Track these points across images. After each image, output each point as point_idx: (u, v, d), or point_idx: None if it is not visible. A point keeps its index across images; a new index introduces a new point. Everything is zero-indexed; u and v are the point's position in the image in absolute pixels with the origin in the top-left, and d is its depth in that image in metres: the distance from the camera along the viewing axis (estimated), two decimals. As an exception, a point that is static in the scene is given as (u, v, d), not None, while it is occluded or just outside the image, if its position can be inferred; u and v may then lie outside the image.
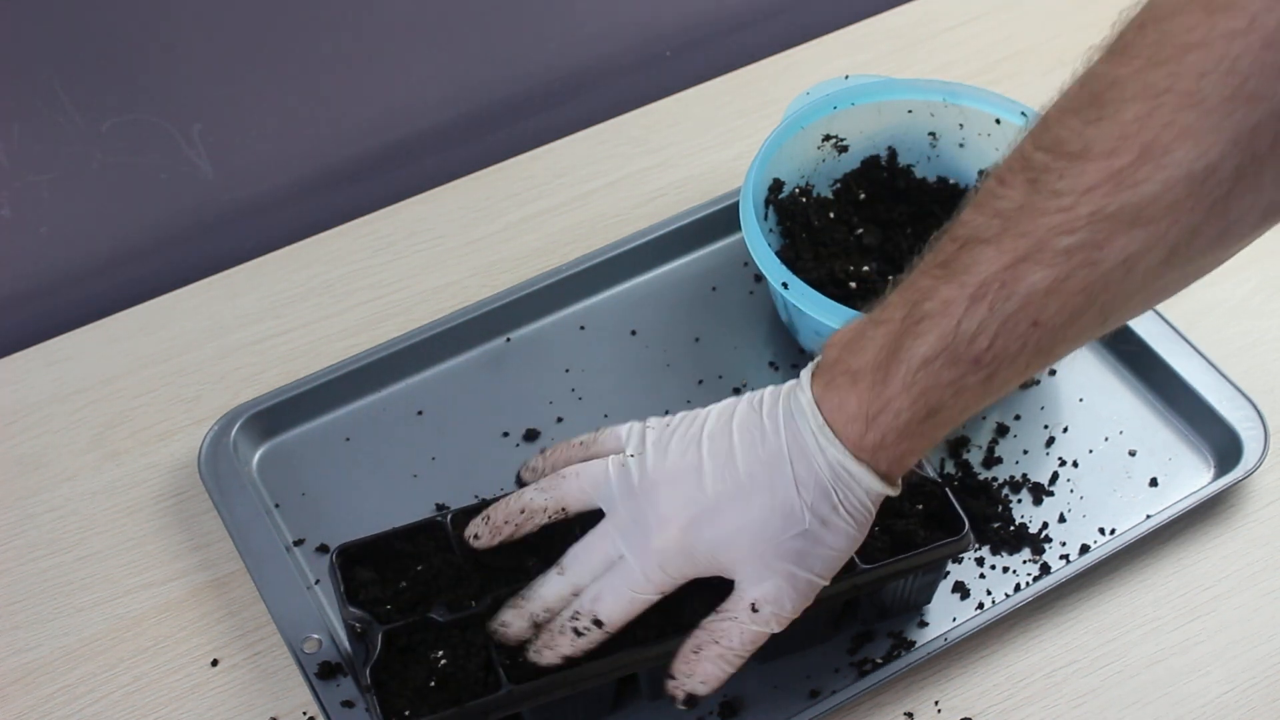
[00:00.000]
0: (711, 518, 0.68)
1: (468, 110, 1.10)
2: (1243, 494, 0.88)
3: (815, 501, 0.67)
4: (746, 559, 0.68)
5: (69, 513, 0.89)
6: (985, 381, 0.62)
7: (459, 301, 0.97)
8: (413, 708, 0.71)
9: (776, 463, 0.67)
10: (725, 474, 0.68)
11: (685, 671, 0.71)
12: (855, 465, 0.66)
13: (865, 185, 0.98)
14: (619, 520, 0.71)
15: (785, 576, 0.68)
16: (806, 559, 0.68)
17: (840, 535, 0.68)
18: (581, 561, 0.71)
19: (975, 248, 0.60)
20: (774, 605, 0.69)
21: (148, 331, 0.98)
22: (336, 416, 0.92)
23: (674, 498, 0.69)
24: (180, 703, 0.81)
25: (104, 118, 0.94)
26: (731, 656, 0.70)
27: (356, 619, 0.75)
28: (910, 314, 0.62)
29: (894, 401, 0.63)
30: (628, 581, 0.70)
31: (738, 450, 0.68)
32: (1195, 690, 0.80)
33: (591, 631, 0.71)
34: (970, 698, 0.80)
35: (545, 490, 0.74)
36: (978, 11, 1.17)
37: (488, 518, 0.75)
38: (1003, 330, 0.60)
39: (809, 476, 0.66)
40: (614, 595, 0.70)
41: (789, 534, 0.67)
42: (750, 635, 0.69)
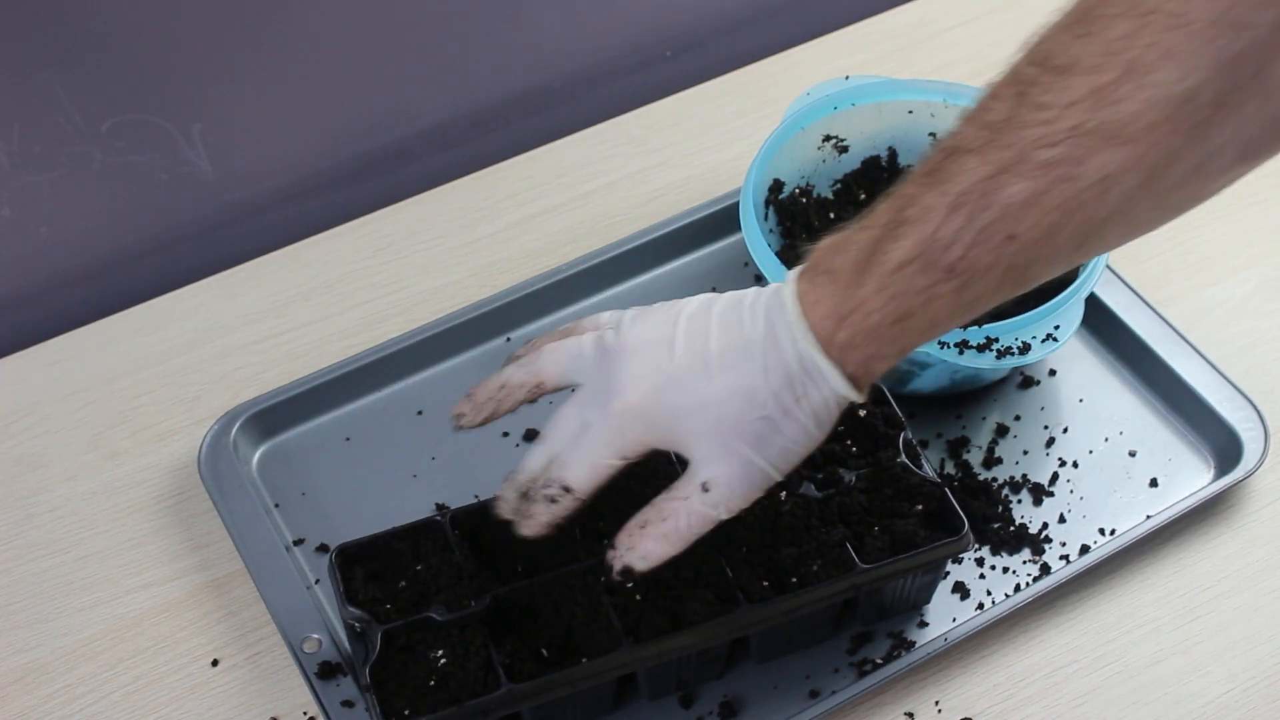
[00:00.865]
0: (674, 387, 0.68)
1: (468, 110, 1.10)
2: (1243, 494, 0.88)
3: (779, 389, 0.66)
4: (703, 435, 0.68)
5: (69, 513, 0.89)
6: (957, 292, 0.62)
7: (459, 301, 0.97)
8: (412, 707, 0.71)
9: (748, 348, 0.67)
10: (697, 349, 0.68)
11: (626, 544, 0.70)
12: (823, 360, 0.66)
13: (866, 186, 0.98)
14: (589, 388, 0.71)
15: (740, 460, 0.68)
16: (763, 446, 0.68)
17: (798, 429, 0.67)
18: (555, 428, 0.72)
19: (960, 157, 0.61)
20: (725, 488, 0.68)
21: (148, 331, 0.98)
22: (336, 416, 0.92)
23: (641, 364, 0.69)
24: (180, 703, 0.81)
25: (104, 118, 0.94)
26: (675, 536, 0.70)
27: (356, 618, 0.75)
28: (892, 219, 0.63)
29: (866, 302, 0.64)
30: (591, 444, 0.70)
31: (713, 331, 0.68)
32: (1195, 690, 0.80)
33: (563, 497, 0.71)
34: (970, 698, 0.80)
35: (523, 365, 0.74)
36: (978, 11, 1.17)
37: (471, 395, 0.75)
38: (978, 240, 0.60)
39: (777, 364, 0.66)
40: (577, 460, 0.70)
41: (749, 417, 0.67)
42: (698, 516, 0.69)
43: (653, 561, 0.70)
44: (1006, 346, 0.85)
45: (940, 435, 0.90)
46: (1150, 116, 0.56)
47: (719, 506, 0.69)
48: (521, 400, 0.74)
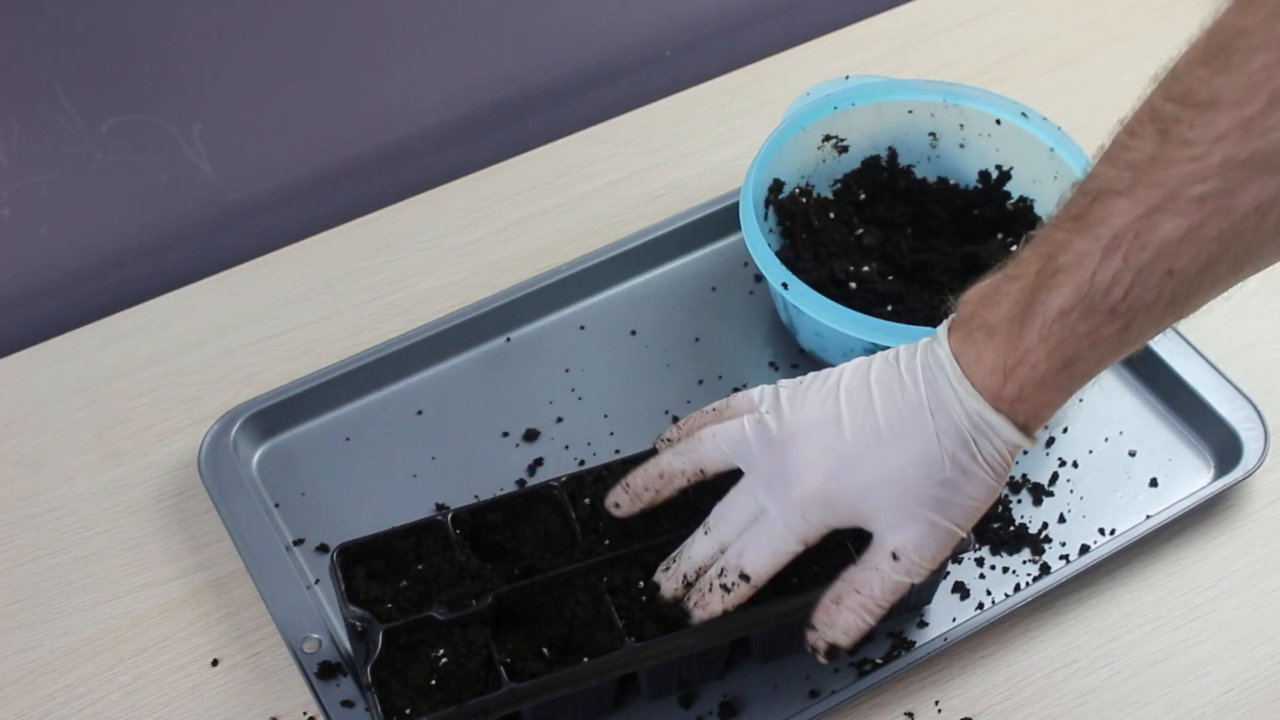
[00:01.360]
0: (852, 466, 0.69)
1: (468, 110, 1.10)
2: (1243, 494, 0.88)
3: (955, 451, 0.67)
4: (887, 507, 0.69)
5: (69, 513, 0.89)
6: (1121, 332, 0.63)
7: (459, 301, 0.97)
8: (413, 706, 0.71)
9: (916, 413, 0.68)
10: (865, 424, 0.69)
11: (826, 622, 0.72)
12: (994, 416, 0.66)
13: (865, 185, 0.98)
14: (759, 475, 0.72)
15: (925, 525, 0.69)
16: (946, 508, 0.69)
17: (979, 485, 0.69)
18: (726, 519, 0.73)
19: (1108, 200, 0.61)
20: (915, 553, 0.69)
21: (148, 331, 0.98)
22: (336, 416, 0.92)
23: (814, 448, 0.70)
24: (180, 703, 0.81)
25: (104, 118, 0.94)
26: (872, 605, 0.71)
27: (357, 617, 0.75)
28: (1045, 267, 0.63)
29: (1031, 353, 0.64)
30: (770, 533, 0.71)
31: (877, 402, 0.69)
32: (1195, 690, 0.80)
33: (739, 586, 0.72)
34: (970, 698, 0.80)
35: (682, 454, 0.75)
36: (978, 11, 1.17)
37: (627, 485, 0.76)
38: (1138, 280, 0.61)
39: (949, 426, 0.67)
40: (757, 548, 0.71)
41: (930, 483, 0.68)
42: (890, 584, 0.70)
43: (854, 636, 0.72)
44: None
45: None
46: None
47: (910, 571, 0.70)
48: (680, 488, 0.75)
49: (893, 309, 0.91)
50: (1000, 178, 0.97)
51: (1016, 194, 0.97)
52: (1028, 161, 0.95)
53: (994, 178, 0.98)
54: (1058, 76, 1.12)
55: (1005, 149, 0.96)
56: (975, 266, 0.93)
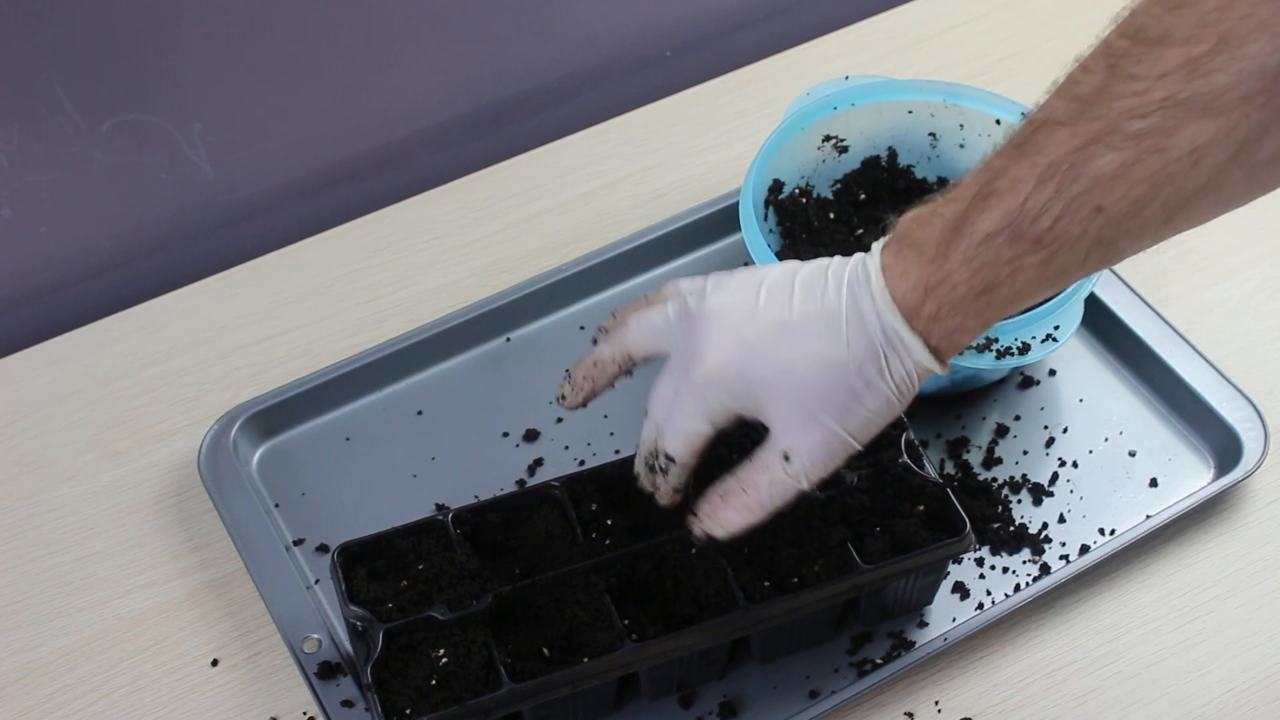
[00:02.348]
0: (755, 353, 0.68)
1: (468, 110, 1.10)
2: (1243, 494, 0.88)
3: (863, 360, 0.67)
4: (785, 404, 0.68)
5: (69, 513, 0.89)
6: (1043, 264, 0.62)
7: (459, 301, 0.97)
8: (414, 706, 0.71)
9: (831, 317, 0.67)
10: (778, 316, 0.68)
11: (708, 513, 0.71)
12: (908, 332, 0.66)
13: (865, 186, 0.98)
14: (675, 356, 0.72)
15: (822, 430, 0.68)
16: (845, 416, 0.68)
17: (881, 399, 0.68)
18: (653, 403, 0.73)
19: (1049, 129, 0.61)
20: (807, 457, 0.69)
21: (148, 331, 0.98)
22: (336, 416, 0.92)
23: (721, 330, 0.69)
24: (180, 703, 0.81)
25: (104, 118, 0.94)
26: (756, 506, 0.70)
27: (358, 617, 0.75)
28: (980, 191, 0.63)
29: (952, 274, 0.64)
30: (681, 413, 0.71)
31: (795, 298, 0.68)
32: (1195, 690, 0.80)
33: (671, 467, 0.72)
34: (970, 698, 0.80)
35: (610, 340, 0.75)
36: (978, 11, 1.17)
37: (568, 374, 0.76)
38: (1066, 212, 0.61)
39: (861, 335, 0.66)
40: (672, 430, 0.71)
41: (832, 387, 0.67)
42: (779, 486, 0.70)
43: (733, 531, 0.71)
44: (1006, 346, 0.85)
45: (940, 435, 0.90)
46: (1243, 88, 0.56)
47: (800, 476, 0.69)
48: (615, 374, 0.75)
49: (893, 309, 0.91)
50: (1000, 178, 0.97)
51: (1016, 194, 0.97)
52: (1028, 161, 0.95)
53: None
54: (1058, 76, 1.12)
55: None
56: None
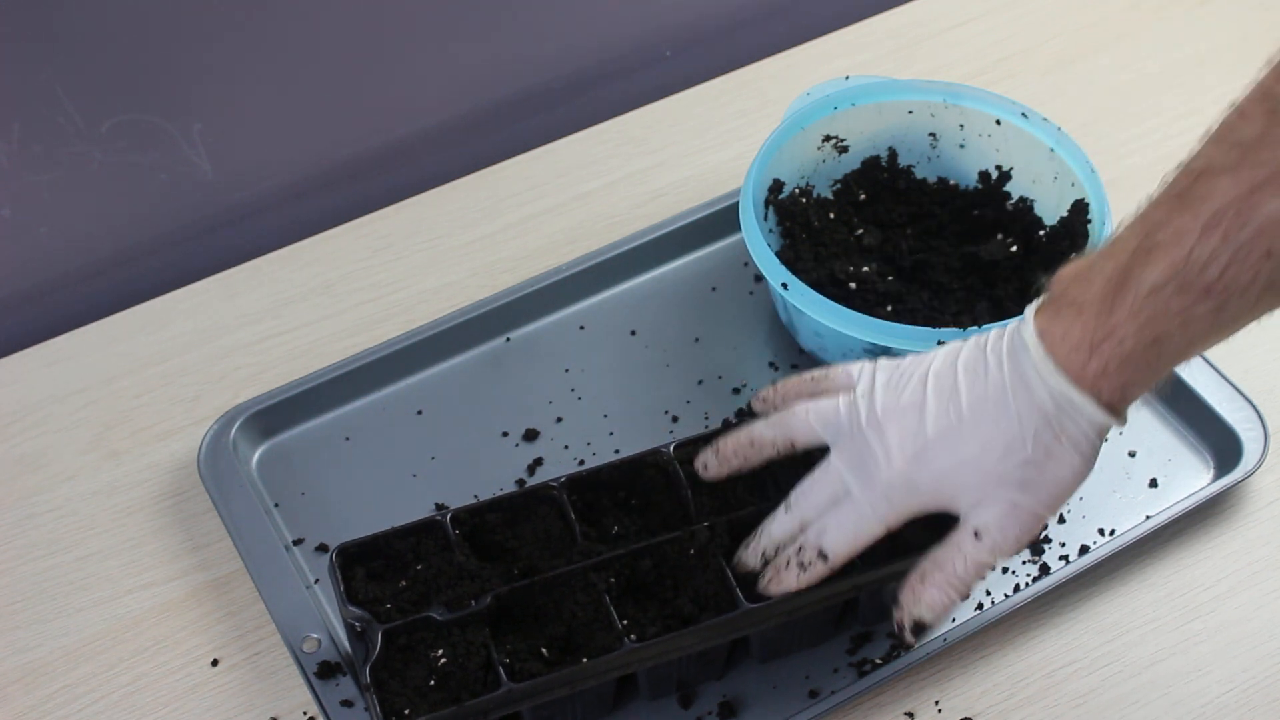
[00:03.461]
0: (934, 449, 0.69)
1: (468, 110, 1.10)
2: (1242, 494, 0.88)
3: (1037, 430, 0.67)
4: (968, 488, 0.69)
5: (69, 513, 0.89)
6: (1214, 312, 0.62)
7: (459, 301, 0.97)
8: (412, 706, 0.71)
9: (998, 394, 0.68)
10: (949, 409, 0.69)
11: (912, 600, 0.72)
12: (1076, 394, 0.66)
13: (865, 186, 0.98)
14: (846, 456, 0.72)
15: (1007, 504, 0.69)
16: (1029, 488, 0.68)
17: (1063, 465, 0.68)
18: (808, 497, 0.73)
19: (1211, 178, 0.60)
20: (997, 532, 0.69)
21: (148, 331, 0.98)
22: (336, 416, 0.92)
23: (899, 433, 0.70)
24: (180, 703, 0.81)
25: (104, 118, 0.94)
26: (956, 583, 0.71)
27: (356, 618, 0.75)
28: (1141, 245, 0.62)
29: (1119, 329, 0.63)
30: (854, 515, 0.71)
31: (961, 386, 0.69)
32: (1195, 690, 0.80)
33: (815, 565, 0.72)
34: (970, 698, 0.80)
35: (774, 426, 0.75)
36: (978, 11, 1.17)
37: (717, 449, 0.77)
38: (1235, 259, 0.60)
39: (1030, 405, 0.67)
40: (839, 529, 0.72)
41: (1011, 463, 0.68)
42: (973, 563, 0.70)
43: (938, 612, 0.71)
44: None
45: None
46: None
47: (993, 551, 0.70)
48: (769, 457, 0.76)
49: (892, 309, 0.91)
50: (1000, 178, 0.97)
51: (1016, 194, 0.97)
52: (1028, 162, 0.95)
53: (994, 178, 0.97)
54: (1058, 76, 1.12)
55: (1005, 149, 0.96)
56: (975, 266, 0.93)
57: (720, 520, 0.77)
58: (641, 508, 0.80)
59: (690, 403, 0.92)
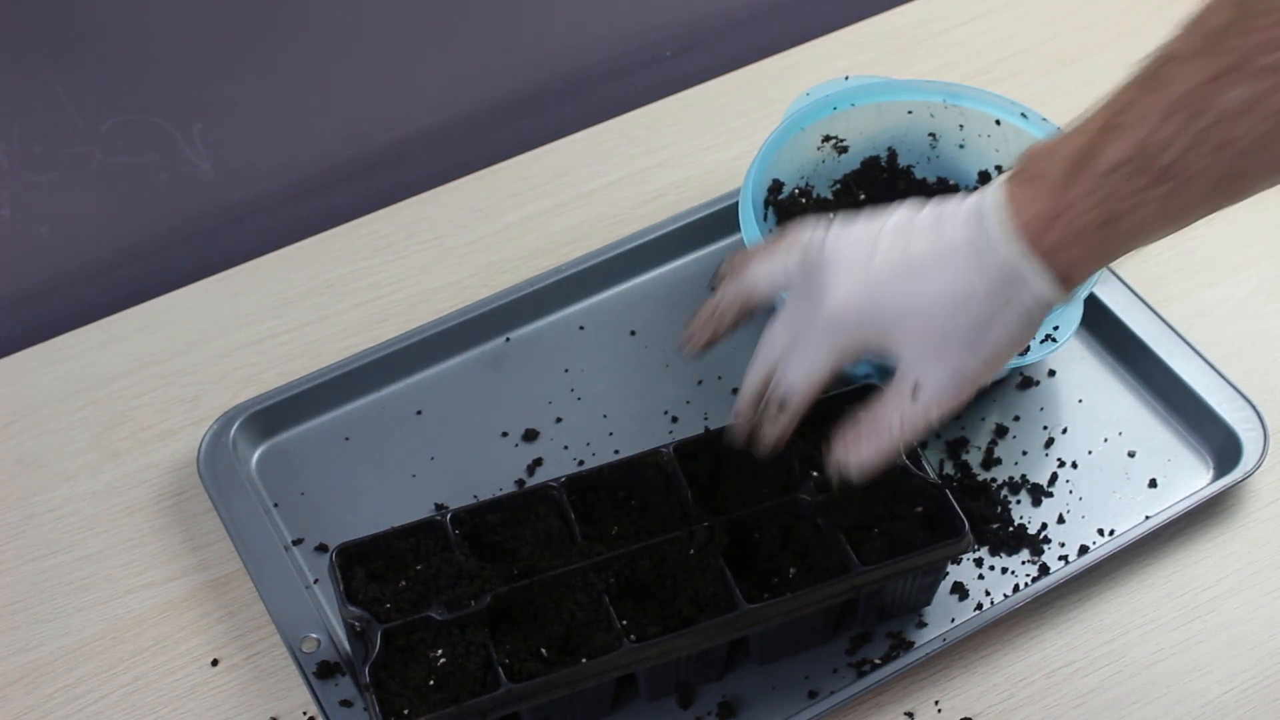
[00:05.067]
0: (880, 291, 0.69)
1: (468, 110, 1.10)
2: (1242, 494, 0.88)
3: (987, 292, 0.67)
4: (912, 338, 0.69)
5: (69, 513, 0.89)
6: (1167, 198, 0.62)
7: (459, 301, 0.97)
8: (412, 706, 0.71)
9: (952, 251, 0.68)
10: (900, 256, 0.69)
11: (841, 453, 0.72)
12: (1030, 263, 0.66)
13: (865, 186, 0.98)
14: (796, 297, 0.72)
15: (948, 363, 0.69)
16: (972, 347, 0.68)
17: (1007, 331, 0.68)
18: (765, 345, 0.74)
19: (1177, 63, 0.61)
20: (936, 388, 0.69)
21: (148, 331, 0.98)
22: (336, 416, 0.92)
23: (847, 271, 0.70)
24: (180, 703, 0.81)
25: (104, 118, 0.94)
26: (887, 440, 0.71)
27: (356, 618, 0.75)
28: (1107, 123, 0.63)
29: (1076, 204, 0.64)
30: (804, 351, 0.72)
31: (916, 235, 0.69)
32: (1195, 690, 0.80)
33: (783, 411, 0.73)
34: (970, 698, 0.80)
35: (732, 289, 0.75)
36: (978, 11, 1.17)
37: (687, 324, 0.77)
38: (1192, 145, 0.60)
39: (983, 266, 0.67)
40: (794, 369, 0.72)
41: (958, 320, 0.68)
42: (909, 419, 0.70)
43: (868, 468, 0.72)
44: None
45: (939, 436, 0.90)
46: None
47: (930, 407, 0.70)
48: (735, 320, 0.76)
49: (892, 309, 0.91)
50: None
51: (1016, 194, 0.97)
52: (1027, 161, 0.95)
53: (994, 178, 0.97)
54: (1058, 76, 1.12)
55: (1005, 149, 0.96)
56: (975, 266, 0.93)
57: (719, 521, 0.77)
58: (641, 508, 0.80)
59: (690, 403, 0.92)
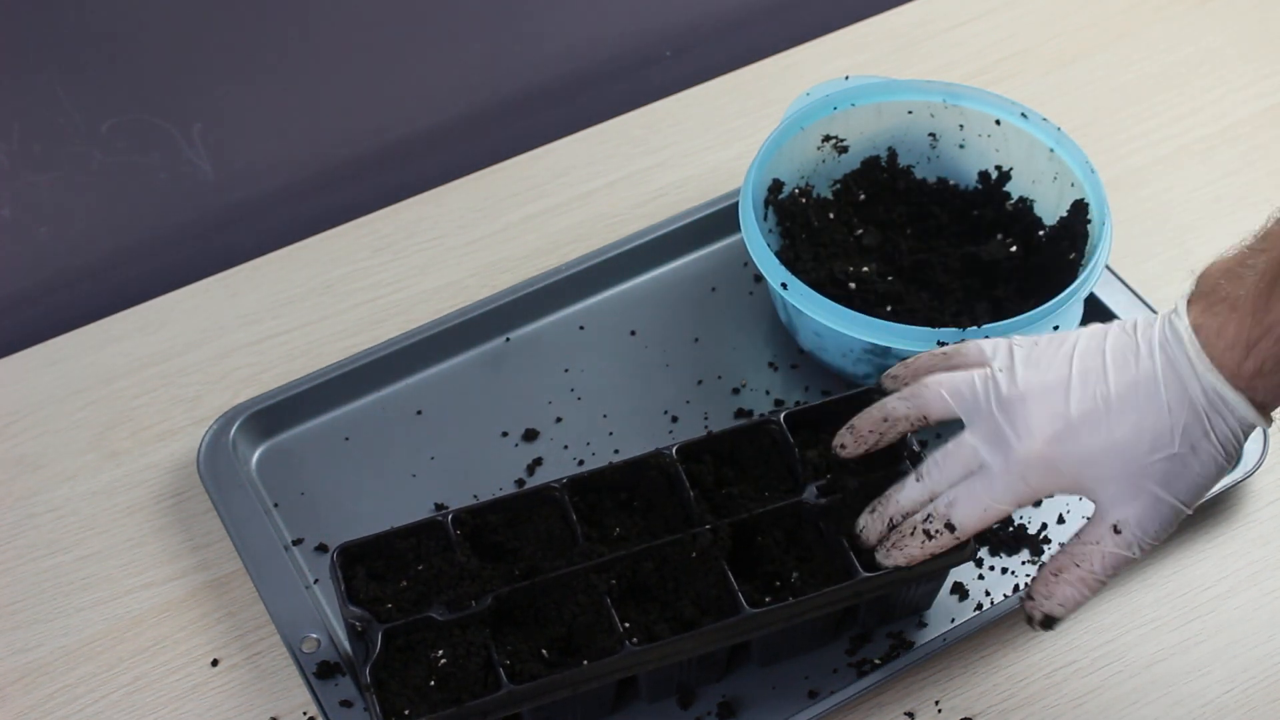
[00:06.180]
0: (1078, 433, 0.68)
1: (468, 110, 1.10)
2: (1243, 494, 0.88)
3: (1187, 425, 0.66)
4: (1110, 478, 0.68)
5: (69, 513, 0.89)
6: None
7: (459, 301, 0.97)
8: (412, 707, 0.71)
9: (1149, 384, 0.67)
10: (1095, 391, 0.68)
11: (1044, 594, 0.71)
12: (1231, 392, 0.65)
13: (865, 186, 0.98)
14: (982, 431, 0.71)
15: (1150, 499, 0.68)
16: (1173, 484, 0.67)
17: (1208, 463, 0.67)
18: (941, 468, 0.73)
19: None
20: (1137, 528, 0.68)
21: (148, 331, 0.98)
22: (336, 416, 0.92)
23: (1041, 411, 0.69)
24: (180, 703, 0.81)
25: (104, 118, 0.94)
26: (1091, 580, 0.70)
27: (357, 618, 0.75)
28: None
29: (1275, 328, 0.63)
30: (986, 489, 0.71)
31: (1109, 369, 0.68)
32: (1195, 690, 0.80)
33: (942, 535, 0.72)
34: (970, 698, 0.80)
35: (908, 399, 0.75)
36: (978, 11, 1.17)
37: (852, 427, 0.77)
38: None
39: (1181, 400, 0.66)
40: (970, 501, 0.71)
41: (1156, 456, 0.67)
42: (1111, 558, 0.70)
43: (1070, 608, 0.71)
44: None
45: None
46: None
47: (1132, 547, 0.69)
48: (905, 432, 0.76)
49: (892, 309, 0.91)
50: (1000, 178, 0.97)
51: (1016, 194, 0.97)
52: (1028, 162, 0.95)
53: (994, 178, 0.97)
54: (1058, 76, 1.12)
55: (1005, 149, 0.96)
56: (975, 267, 0.93)
57: (722, 523, 0.77)
58: (643, 509, 0.80)
59: (690, 403, 0.92)
